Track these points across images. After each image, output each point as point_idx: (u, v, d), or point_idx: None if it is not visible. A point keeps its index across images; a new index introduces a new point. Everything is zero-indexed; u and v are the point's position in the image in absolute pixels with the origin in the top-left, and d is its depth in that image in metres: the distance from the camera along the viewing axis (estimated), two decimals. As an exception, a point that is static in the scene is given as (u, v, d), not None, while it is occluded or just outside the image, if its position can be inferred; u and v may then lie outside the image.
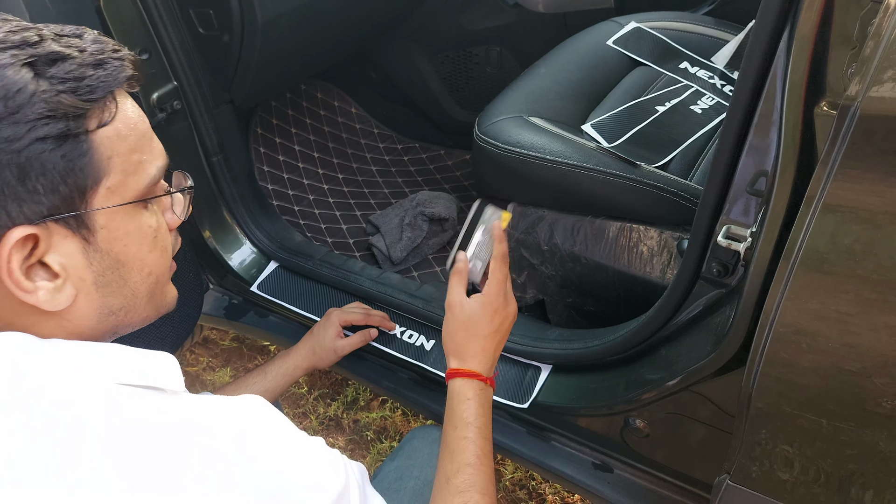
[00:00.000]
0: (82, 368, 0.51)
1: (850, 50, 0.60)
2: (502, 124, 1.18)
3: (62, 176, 0.49)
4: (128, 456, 0.47)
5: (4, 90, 0.47)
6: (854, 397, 0.69)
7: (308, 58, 1.61)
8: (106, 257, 0.54)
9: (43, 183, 0.48)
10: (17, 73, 0.47)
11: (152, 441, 0.48)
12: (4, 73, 0.47)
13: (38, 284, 0.50)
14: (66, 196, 0.50)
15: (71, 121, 0.49)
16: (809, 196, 0.61)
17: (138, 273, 0.57)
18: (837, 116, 0.56)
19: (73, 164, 0.49)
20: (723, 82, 1.32)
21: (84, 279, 0.53)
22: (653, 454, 1.04)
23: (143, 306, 0.59)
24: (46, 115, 0.48)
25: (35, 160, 0.48)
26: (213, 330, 1.89)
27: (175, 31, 1.20)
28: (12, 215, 0.48)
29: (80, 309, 0.54)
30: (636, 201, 1.08)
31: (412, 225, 1.60)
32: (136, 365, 0.53)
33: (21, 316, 0.52)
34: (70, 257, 0.52)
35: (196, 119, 1.27)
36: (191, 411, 0.51)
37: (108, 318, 0.56)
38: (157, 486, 0.47)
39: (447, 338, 0.88)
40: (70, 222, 0.51)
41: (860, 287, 0.63)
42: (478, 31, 1.79)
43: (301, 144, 1.87)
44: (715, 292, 0.87)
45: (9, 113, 0.47)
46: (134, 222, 0.55)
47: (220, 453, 0.50)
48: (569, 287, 1.23)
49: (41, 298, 0.51)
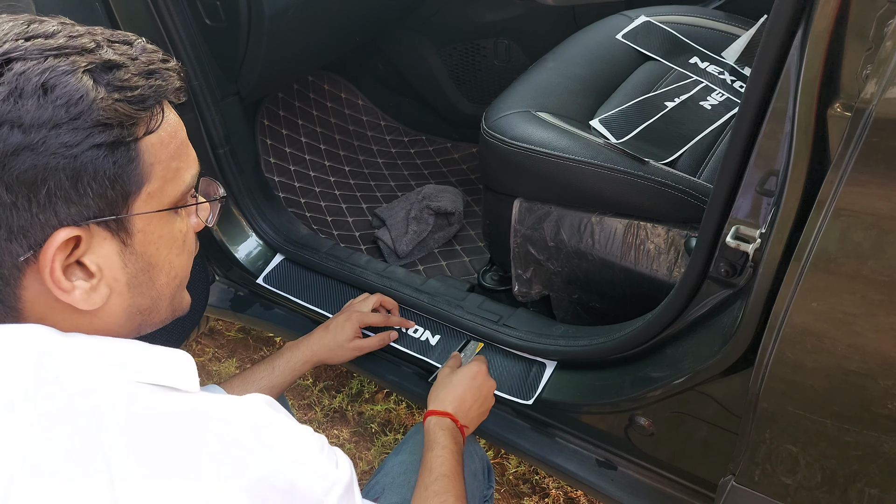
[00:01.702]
0: (99, 365, 0.52)
1: (865, 51, 0.60)
2: (510, 119, 1.17)
3: (111, 181, 0.51)
4: (147, 443, 0.48)
5: (67, 96, 0.48)
6: (860, 399, 0.69)
7: (315, 49, 1.60)
8: (140, 259, 0.55)
9: (93, 187, 0.50)
10: (80, 80, 0.49)
11: (170, 429, 0.50)
12: (68, 79, 0.48)
13: (75, 284, 0.52)
14: (112, 200, 0.51)
15: (124, 129, 0.51)
16: (821, 199, 0.60)
17: (166, 275, 0.59)
18: (852, 118, 0.56)
19: (121, 170, 0.51)
20: (733, 78, 1.31)
21: (118, 280, 0.55)
22: (657, 452, 1.04)
23: (165, 308, 0.61)
24: (103, 122, 0.49)
25: (89, 165, 0.49)
26: (220, 321, 1.90)
27: (182, 22, 1.19)
28: (60, 216, 0.50)
29: (111, 308, 0.55)
30: (644, 198, 1.07)
31: (418, 218, 1.60)
32: (153, 363, 0.55)
33: (54, 312, 0.53)
34: (107, 258, 0.53)
35: (202, 111, 1.27)
36: (206, 404, 0.53)
37: (134, 317, 0.58)
38: (174, 471, 0.48)
39: (432, 395, 1.02)
40: (111, 225, 0.52)
41: (871, 290, 0.62)
42: (486, 23, 1.77)
43: (308, 136, 1.87)
44: (722, 292, 0.87)
45: (70, 118, 0.48)
46: (167, 227, 0.57)
47: (236, 441, 0.51)
48: (575, 283, 1.22)
49: (77, 297, 0.52)
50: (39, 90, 0.47)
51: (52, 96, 0.48)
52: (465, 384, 1.02)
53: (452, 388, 1.01)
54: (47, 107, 0.47)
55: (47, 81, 0.48)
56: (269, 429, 0.54)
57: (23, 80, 0.47)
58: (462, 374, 1.04)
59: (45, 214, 0.49)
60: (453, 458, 0.90)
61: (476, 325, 1.21)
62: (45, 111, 0.47)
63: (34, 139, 0.47)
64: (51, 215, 0.49)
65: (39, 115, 0.47)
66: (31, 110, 0.47)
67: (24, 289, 0.52)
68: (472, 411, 1.01)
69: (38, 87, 0.47)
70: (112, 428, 0.48)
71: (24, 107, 0.47)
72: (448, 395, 1.00)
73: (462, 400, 1.00)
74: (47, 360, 0.50)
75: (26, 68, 0.48)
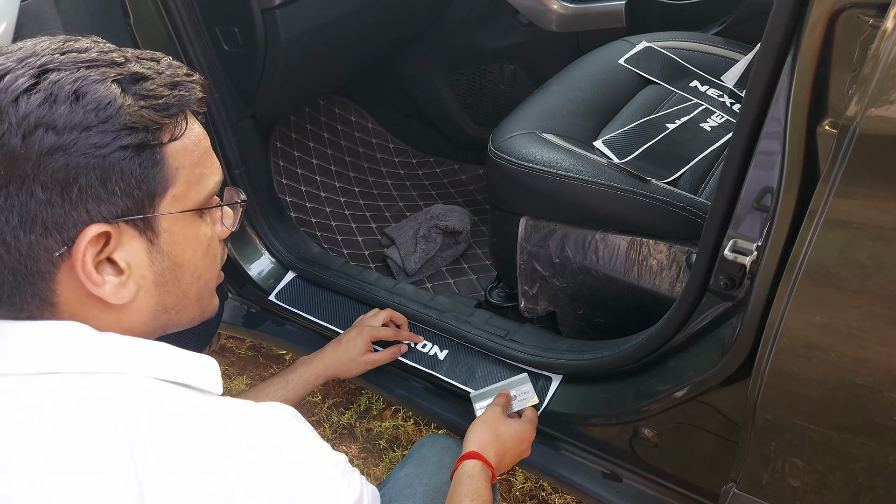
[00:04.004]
0: (130, 364, 0.55)
1: (851, 72, 0.63)
2: (516, 140, 1.21)
3: (137, 181, 0.55)
4: (166, 445, 0.51)
5: (97, 102, 0.52)
6: (854, 408, 0.71)
7: (327, 74, 1.66)
8: (166, 258, 0.59)
9: (121, 186, 0.54)
10: (108, 88, 0.53)
11: (189, 431, 0.52)
12: (98, 87, 0.53)
13: (105, 279, 0.55)
14: (139, 200, 0.55)
15: (149, 133, 0.55)
16: (812, 211, 0.63)
17: (191, 275, 0.62)
18: (838, 135, 0.59)
19: (147, 171, 0.55)
20: (732, 101, 1.35)
21: (146, 277, 0.58)
22: (661, 463, 1.06)
23: (191, 307, 0.64)
24: (130, 126, 0.53)
25: (117, 165, 0.53)
26: (230, 338, 1.93)
27: (201, 48, 1.24)
28: (91, 213, 0.53)
29: (139, 304, 0.59)
30: (646, 216, 1.10)
31: (426, 237, 1.63)
32: (182, 364, 0.58)
33: (87, 307, 0.56)
34: (135, 256, 0.57)
35: (219, 132, 1.32)
36: (228, 409, 0.56)
37: (161, 315, 0.61)
38: (192, 471, 0.51)
39: (476, 435, 1.00)
40: (139, 224, 0.56)
41: (862, 300, 0.65)
42: (493, 49, 1.83)
43: (319, 158, 1.91)
44: (722, 305, 0.90)
45: (99, 122, 0.52)
46: (192, 229, 0.61)
47: (252, 445, 0.54)
48: (579, 299, 1.25)
49: (107, 291, 0.55)
50: (72, 96, 0.52)
51: (83, 102, 0.52)
52: (513, 443, 1.01)
53: (501, 441, 1.00)
54: (78, 111, 0.51)
55: (79, 89, 0.52)
56: (290, 438, 0.57)
57: (56, 88, 0.51)
58: (514, 431, 1.02)
59: (77, 211, 0.53)
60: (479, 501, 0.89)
61: (483, 340, 1.24)
62: (77, 115, 0.51)
63: (66, 140, 0.51)
64: (82, 212, 0.53)
65: (71, 118, 0.51)
66: (63, 114, 0.51)
67: (59, 283, 0.55)
68: (503, 466, 1.01)
69: (71, 94, 0.52)
70: (138, 427, 0.51)
71: (57, 111, 0.51)
72: (495, 446, 0.99)
73: (504, 456, 1.00)
74: (80, 358, 0.54)
75: (60, 77, 0.52)
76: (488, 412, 1.06)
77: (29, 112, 0.50)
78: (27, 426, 0.50)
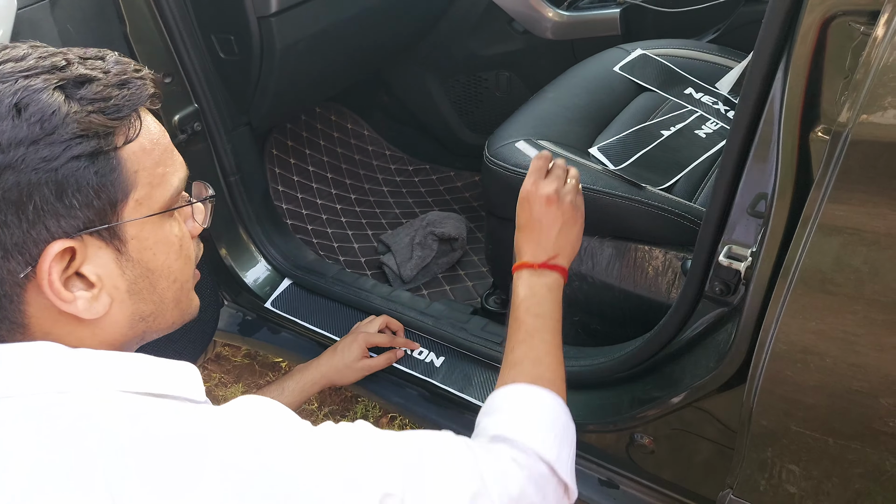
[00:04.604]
0: (106, 379, 0.53)
1: (843, 79, 0.64)
2: (511, 147, 1.22)
3: (95, 191, 0.52)
4: (146, 464, 0.48)
5: (41, 113, 0.50)
6: (851, 414, 0.71)
7: (323, 81, 1.66)
8: (137, 266, 0.57)
9: (79, 198, 0.51)
10: (51, 96, 0.50)
11: (170, 449, 0.49)
12: (39, 97, 0.50)
13: (76, 294, 0.53)
14: (100, 209, 0.53)
15: (101, 139, 0.52)
16: (805, 217, 0.64)
17: (165, 280, 0.59)
18: (830, 141, 0.60)
19: (104, 179, 0.52)
20: (726, 108, 1.35)
21: (118, 287, 0.56)
22: (658, 470, 1.06)
23: (170, 312, 0.61)
24: (79, 134, 0.51)
25: (71, 177, 0.51)
26: (226, 346, 1.92)
27: (197, 56, 1.25)
28: (51, 230, 0.51)
29: (114, 316, 0.57)
30: (642, 222, 1.11)
31: (422, 244, 1.63)
32: (160, 375, 0.56)
33: (59, 325, 0.55)
34: (104, 267, 0.55)
35: (215, 140, 1.32)
36: (210, 421, 0.53)
37: (138, 324, 0.59)
38: (175, 491, 0.48)
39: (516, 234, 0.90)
40: (104, 234, 0.54)
41: (857, 305, 0.65)
42: (488, 56, 1.83)
43: (315, 165, 1.92)
44: (718, 311, 0.90)
45: (45, 134, 0.49)
46: (161, 232, 0.58)
47: (236, 464, 0.50)
48: (576, 306, 1.25)
49: (80, 307, 0.53)
50: (13, 110, 0.49)
51: (25, 115, 0.49)
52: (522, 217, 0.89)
53: (536, 225, 0.88)
54: (22, 125, 0.49)
55: (20, 101, 0.49)
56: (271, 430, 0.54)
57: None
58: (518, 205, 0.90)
59: (36, 229, 0.50)
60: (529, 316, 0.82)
61: (480, 346, 1.23)
62: (20, 129, 0.49)
63: (13, 157, 0.49)
64: (42, 229, 0.51)
65: (15, 133, 0.49)
66: (6, 130, 0.49)
67: (27, 304, 0.53)
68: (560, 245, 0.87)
69: (12, 108, 0.49)
70: (115, 445, 0.48)
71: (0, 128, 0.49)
72: (532, 237, 0.88)
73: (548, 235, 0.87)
74: (53, 378, 0.51)
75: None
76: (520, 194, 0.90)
77: None
78: (3, 448, 0.47)
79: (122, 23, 1.13)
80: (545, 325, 0.83)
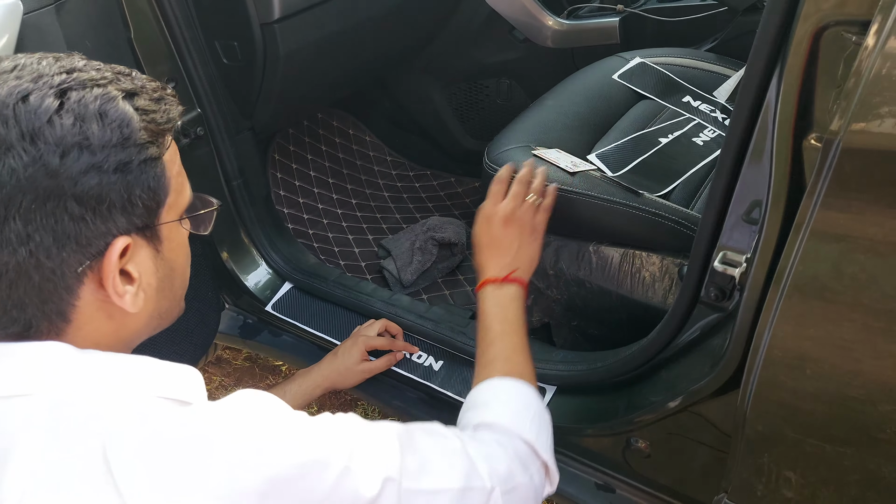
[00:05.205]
0: (114, 381, 0.55)
1: (835, 88, 0.65)
2: (511, 153, 1.23)
3: (153, 193, 0.57)
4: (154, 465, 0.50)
5: (119, 119, 0.54)
6: (845, 420, 0.72)
7: (326, 88, 1.68)
8: (166, 265, 0.61)
9: (143, 199, 0.56)
10: (124, 105, 0.55)
11: (177, 450, 0.52)
12: (116, 105, 0.55)
13: (125, 289, 0.57)
14: (152, 210, 0.58)
15: (156, 146, 0.57)
16: (798, 223, 0.65)
17: (180, 279, 0.65)
18: (822, 149, 0.60)
19: (158, 182, 0.58)
20: (724, 116, 1.37)
21: (151, 284, 0.60)
22: (654, 474, 1.07)
23: (176, 309, 0.66)
24: (147, 140, 0.56)
25: (139, 179, 0.56)
26: (227, 349, 1.93)
27: (200, 61, 1.26)
28: (119, 226, 0.55)
29: (141, 312, 0.60)
30: (639, 228, 1.12)
31: (422, 249, 1.64)
32: (164, 377, 0.58)
33: (93, 320, 0.58)
34: (143, 265, 0.59)
35: (218, 145, 1.33)
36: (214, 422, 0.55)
37: (153, 320, 0.63)
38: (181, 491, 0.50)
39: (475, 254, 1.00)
40: (147, 234, 0.58)
41: (849, 311, 0.66)
42: (489, 64, 1.85)
43: (317, 170, 1.93)
44: (713, 316, 0.91)
45: (124, 138, 0.54)
46: (182, 235, 0.63)
47: (242, 463, 0.53)
48: (574, 311, 1.26)
49: (128, 302, 0.57)
50: (97, 115, 0.53)
51: (107, 120, 0.54)
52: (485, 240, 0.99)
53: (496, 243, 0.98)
54: (106, 130, 0.53)
55: (101, 107, 0.54)
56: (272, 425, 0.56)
57: (82, 107, 0.53)
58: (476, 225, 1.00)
59: (107, 225, 0.55)
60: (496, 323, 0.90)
61: (478, 351, 1.24)
62: (106, 134, 0.53)
63: (100, 159, 0.53)
64: (111, 226, 0.55)
65: (102, 137, 0.53)
66: (96, 133, 0.53)
67: (79, 298, 0.56)
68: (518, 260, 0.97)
69: (96, 113, 0.53)
70: (123, 445, 0.50)
71: (89, 131, 0.53)
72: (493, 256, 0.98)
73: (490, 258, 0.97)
74: (63, 378, 0.53)
75: (82, 97, 0.54)
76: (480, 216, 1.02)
77: (65, 133, 0.52)
78: (11, 449, 0.49)
79: (126, 28, 1.14)
80: (511, 329, 0.90)
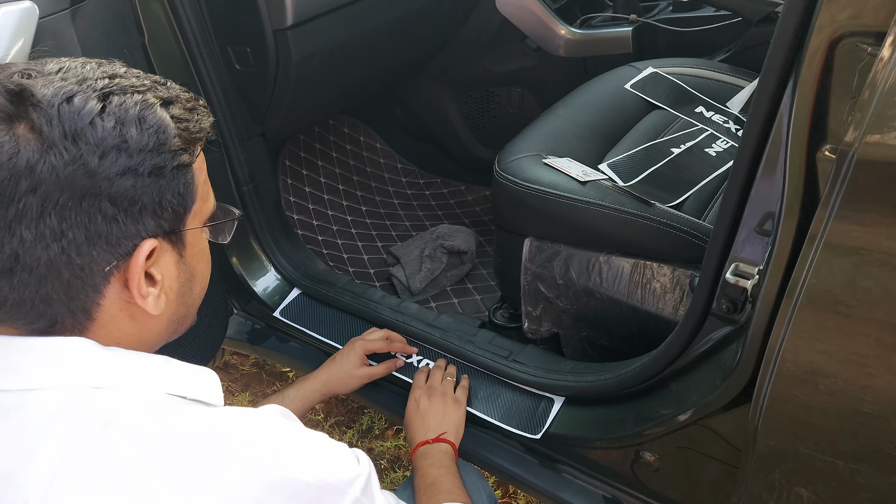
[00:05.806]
0: (136, 378, 0.57)
1: (849, 99, 0.64)
2: (522, 162, 1.23)
3: (182, 198, 0.59)
4: (173, 460, 0.52)
5: (157, 125, 0.56)
6: (857, 435, 0.71)
7: (337, 95, 1.68)
8: (187, 270, 0.63)
9: (173, 204, 0.58)
10: (162, 112, 0.56)
11: (195, 446, 0.53)
12: (154, 111, 0.56)
13: (149, 290, 0.58)
14: (180, 215, 0.59)
15: (187, 153, 0.58)
16: (811, 235, 0.64)
17: (199, 285, 0.66)
18: (836, 160, 0.60)
19: (187, 188, 0.59)
20: (737, 127, 1.36)
21: (172, 288, 0.61)
22: (663, 488, 1.05)
23: (192, 316, 0.67)
24: (181, 147, 0.57)
25: (171, 184, 0.57)
26: (234, 355, 1.93)
27: (213, 67, 1.27)
28: (148, 229, 0.57)
29: (161, 315, 0.61)
30: (650, 239, 1.11)
31: (432, 257, 1.64)
32: (184, 377, 0.59)
33: (116, 320, 0.58)
34: (166, 268, 0.60)
35: (229, 150, 1.34)
36: (231, 422, 0.57)
37: (172, 325, 0.64)
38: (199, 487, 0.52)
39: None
40: (172, 238, 0.60)
41: (863, 326, 0.65)
42: (501, 72, 1.85)
43: (327, 177, 1.93)
44: (725, 329, 0.90)
45: (159, 144, 0.56)
46: (203, 242, 0.64)
47: (255, 461, 0.55)
48: (583, 321, 1.25)
49: (150, 303, 0.58)
50: (137, 120, 0.55)
51: (145, 125, 0.55)
52: (413, 413, 1.13)
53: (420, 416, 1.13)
54: (144, 135, 0.55)
55: (140, 113, 0.55)
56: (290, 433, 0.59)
57: (122, 112, 0.54)
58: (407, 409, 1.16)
59: (137, 227, 0.56)
60: (433, 468, 1.00)
61: (486, 360, 1.24)
62: (143, 138, 0.55)
63: (136, 162, 0.54)
64: (141, 228, 0.56)
65: (140, 141, 0.54)
66: (134, 137, 0.54)
67: (103, 296, 0.57)
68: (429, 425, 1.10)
69: (136, 118, 0.55)
70: (146, 442, 0.52)
71: (128, 134, 0.54)
72: (418, 427, 1.12)
73: (416, 430, 1.10)
74: (88, 373, 0.55)
75: (123, 101, 0.55)
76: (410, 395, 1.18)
77: (106, 135, 0.53)
78: (39, 440, 0.51)
79: (140, 33, 1.15)
80: (448, 473, 0.99)
